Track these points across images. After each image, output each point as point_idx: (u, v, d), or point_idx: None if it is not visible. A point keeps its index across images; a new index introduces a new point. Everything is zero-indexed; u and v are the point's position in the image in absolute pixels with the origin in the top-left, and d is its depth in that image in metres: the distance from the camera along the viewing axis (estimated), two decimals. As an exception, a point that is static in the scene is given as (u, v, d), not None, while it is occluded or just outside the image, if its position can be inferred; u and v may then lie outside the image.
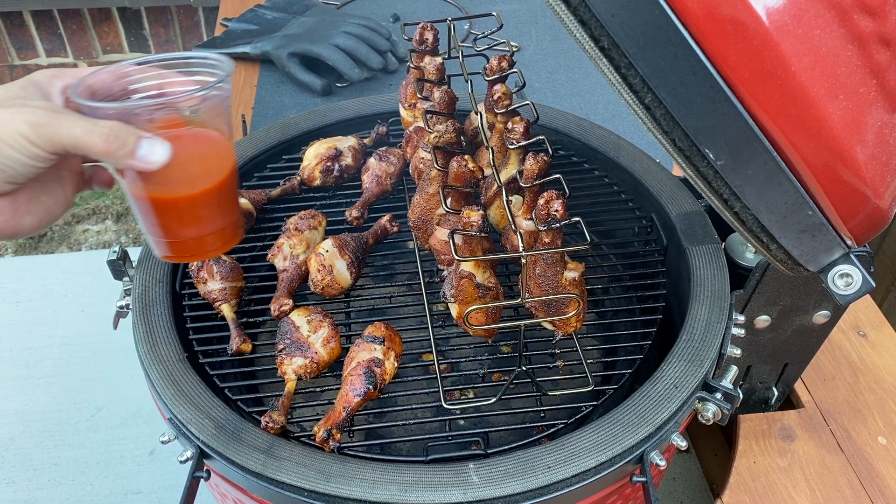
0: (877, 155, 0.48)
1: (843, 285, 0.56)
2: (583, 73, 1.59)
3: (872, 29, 0.44)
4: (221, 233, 0.66)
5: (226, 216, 0.66)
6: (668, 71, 0.46)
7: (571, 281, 0.78)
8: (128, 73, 0.61)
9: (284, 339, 0.81)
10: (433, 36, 0.96)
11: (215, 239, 0.66)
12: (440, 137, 0.83)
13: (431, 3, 1.82)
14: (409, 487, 0.67)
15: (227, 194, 0.66)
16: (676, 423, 0.74)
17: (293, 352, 0.80)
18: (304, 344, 0.80)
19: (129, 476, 1.67)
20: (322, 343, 0.81)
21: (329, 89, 1.51)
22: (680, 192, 0.98)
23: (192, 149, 0.62)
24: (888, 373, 1.05)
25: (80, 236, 2.45)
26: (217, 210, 0.65)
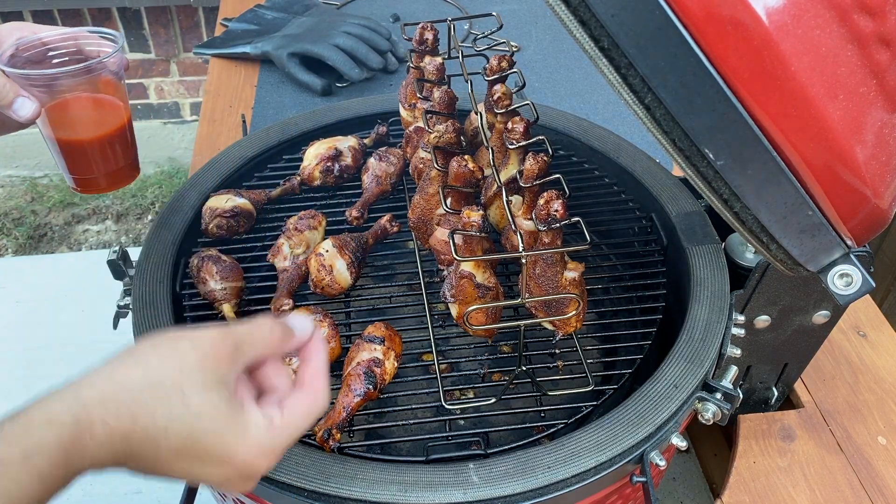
0: (877, 155, 0.48)
1: (842, 285, 0.56)
2: (583, 73, 1.59)
3: (872, 29, 0.44)
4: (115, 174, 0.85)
5: (116, 161, 0.84)
6: (668, 71, 0.46)
7: (571, 281, 0.78)
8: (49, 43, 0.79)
9: None
10: (433, 36, 0.96)
11: (108, 177, 0.85)
12: (440, 137, 0.83)
13: (431, 3, 1.82)
14: (409, 487, 0.67)
15: (115, 144, 0.83)
16: (676, 423, 0.74)
17: (293, 352, 0.80)
18: None
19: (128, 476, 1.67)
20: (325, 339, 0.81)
21: (329, 89, 1.51)
22: (680, 192, 0.98)
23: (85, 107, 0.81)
24: (888, 373, 1.05)
25: (80, 236, 2.45)
26: (106, 154, 0.83)
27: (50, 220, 2.48)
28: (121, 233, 2.47)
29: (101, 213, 2.52)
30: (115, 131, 0.83)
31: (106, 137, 0.82)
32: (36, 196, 2.56)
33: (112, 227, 2.49)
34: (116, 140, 0.83)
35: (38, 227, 2.45)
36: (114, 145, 0.83)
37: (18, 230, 2.42)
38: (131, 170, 0.87)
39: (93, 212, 2.51)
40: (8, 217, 2.47)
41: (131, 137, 0.86)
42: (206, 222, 0.95)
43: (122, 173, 0.86)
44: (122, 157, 0.85)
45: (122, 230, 2.48)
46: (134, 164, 0.87)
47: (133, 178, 0.88)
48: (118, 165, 0.85)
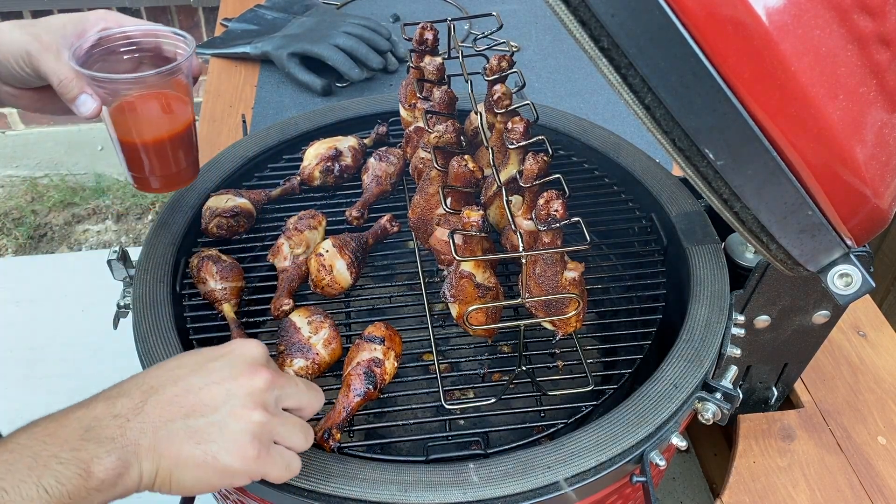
0: (877, 155, 0.48)
1: (842, 285, 0.56)
2: (583, 73, 1.59)
3: (872, 29, 0.44)
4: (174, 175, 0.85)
5: (176, 164, 0.84)
6: (668, 71, 0.46)
7: (571, 281, 0.78)
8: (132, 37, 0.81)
9: (285, 339, 0.81)
10: (433, 36, 0.96)
11: (166, 178, 0.85)
12: (440, 137, 0.83)
13: (431, 3, 1.82)
14: (409, 487, 0.67)
15: (176, 147, 0.83)
16: (676, 423, 0.74)
17: (294, 353, 0.80)
18: (305, 345, 0.80)
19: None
20: (323, 344, 0.81)
21: (329, 89, 1.51)
22: (680, 192, 0.98)
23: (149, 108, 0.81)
24: (888, 373, 1.05)
25: (80, 236, 2.45)
26: (166, 156, 0.83)
27: (50, 220, 2.48)
28: (121, 233, 2.47)
29: (101, 213, 2.52)
30: (176, 135, 0.82)
31: (167, 140, 0.81)
32: (36, 196, 2.56)
33: (112, 227, 2.49)
34: (177, 143, 0.82)
35: (38, 227, 2.45)
36: (175, 148, 0.83)
37: (18, 230, 2.42)
38: (190, 172, 0.87)
39: (93, 212, 2.52)
40: (8, 217, 2.47)
41: (193, 141, 0.85)
42: (206, 222, 0.95)
43: (181, 175, 0.86)
44: (183, 159, 0.84)
45: (122, 230, 2.48)
46: (193, 167, 0.87)
47: (191, 180, 0.88)
48: (178, 168, 0.84)
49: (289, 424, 0.62)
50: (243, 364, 0.61)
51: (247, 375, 0.60)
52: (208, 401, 0.58)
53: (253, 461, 0.58)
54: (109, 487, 0.53)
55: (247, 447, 0.58)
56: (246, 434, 0.58)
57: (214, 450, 0.57)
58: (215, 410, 0.58)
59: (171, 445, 0.56)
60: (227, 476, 0.58)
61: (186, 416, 0.57)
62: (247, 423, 0.58)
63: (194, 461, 0.57)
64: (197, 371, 0.60)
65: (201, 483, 0.58)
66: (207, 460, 0.57)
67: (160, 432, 0.56)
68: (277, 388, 0.62)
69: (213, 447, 0.57)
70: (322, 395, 0.67)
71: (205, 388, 0.59)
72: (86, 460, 0.52)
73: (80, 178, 2.62)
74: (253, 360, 0.62)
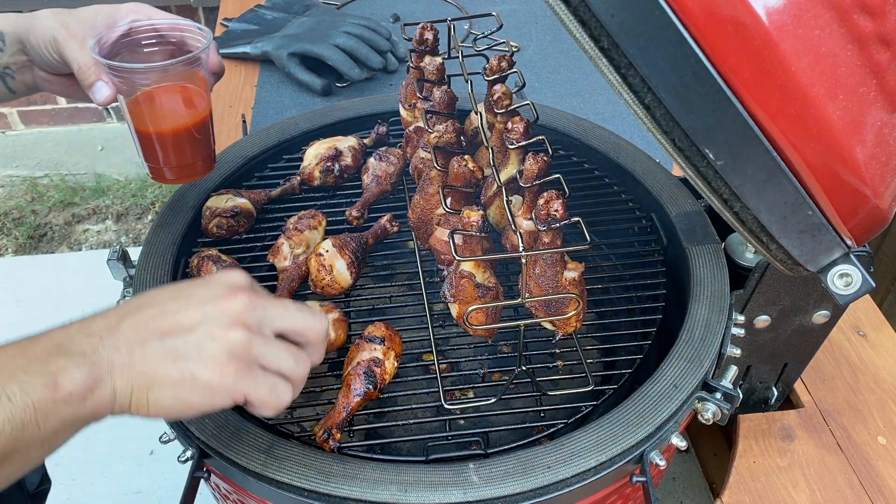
0: (877, 155, 0.48)
1: (842, 285, 0.56)
2: (583, 73, 1.59)
3: (872, 29, 0.44)
4: (189, 167, 0.86)
5: (191, 155, 0.85)
6: (668, 71, 0.46)
7: (571, 281, 0.78)
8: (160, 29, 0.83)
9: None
10: (433, 36, 0.96)
11: (181, 170, 0.86)
12: (440, 137, 0.83)
13: (431, 3, 1.82)
14: (409, 487, 0.67)
15: (192, 139, 0.83)
16: (676, 423, 0.74)
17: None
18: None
19: (129, 476, 1.67)
20: (332, 326, 0.81)
21: (329, 89, 1.51)
22: (680, 192, 0.98)
23: (166, 100, 0.82)
24: (888, 373, 1.05)
25: (80, 236, 2.45)
26: (182, 148, 0.83)
27: (50, 220, 2.48)
28: (121, 233, 2.47)
29: (101, 213, 2.52)
30: (191, 127, 0.83)
31: (183, 131, 0.82)
32: (36, 196, 2.56)
33: (112, 227, 2.49)
34: (193, 135, 0.83)
35: (38, 227, 2.45)
36: (190, 140, 0.84)
37: (18, 230, 2.42)
38: (205, 165, 0.88)
39: (93, 212, 2.51)
40: (8, 217, 2.47)
41: (209, 134, 0.86)
42: (206, 222, 0.95)
43: (196, 168, 0.86)
44: (198, 152, 0.85)
45: (122, 230, 2.48)
46: (209, 161, 0.88)
47: (206, 172, 0.89)
48: (192, 160, 0.85)
49: (275, 347, 0.59)
50: (223, 288, 0.59)
51: (225, 298, 0.58)
52: (185, 322, 0.57)
53: (232, 378, 0.56)
54: (79, 401, 0.52)
55: (224, 364, 0.56)
56: (223, 352, 0.56)
57: (192, 367, 0.55)
58: (192, 331, 0.56)
59: (145, 364, 0.55)
60: (207, 394, 0.56)
61: (162, 337, 0.56)
62: (224, 341, 0.56)
63: (171, 379, 0.55)
64: (175, 297, 0.59)
65: (180, 402, 0.56)
66: (185, 377, 0.55)
67: (135, 351, 0.55)
68: (260, 310, 0.59)
69: (189, 364, 0.55)
70: (325, 319, 0.64)
71: (182, 310, 0.57)
72: (53, 371, 0.51)
73: (80, 178, 2.62)
74: (233, 284, 0.60)
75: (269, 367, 0.59)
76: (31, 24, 0.79)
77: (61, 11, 0.79)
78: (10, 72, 0.83)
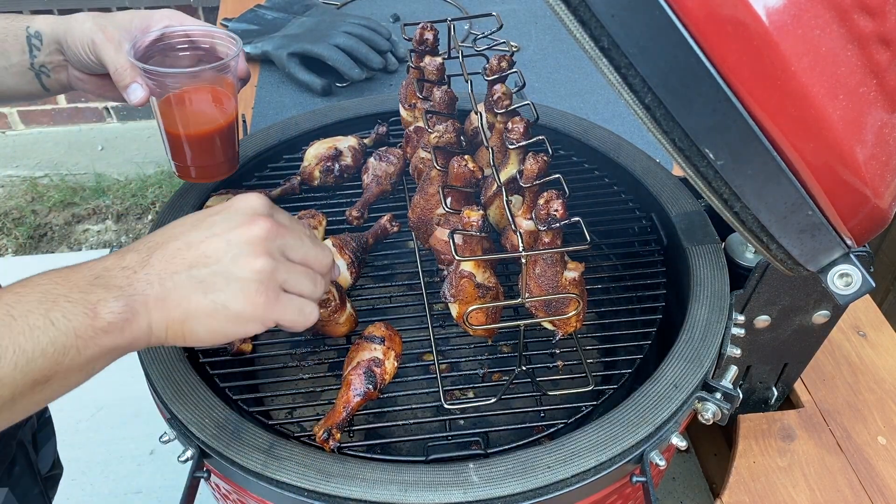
0: (877, 155, 0.48)
1: (842, 285, 0.56)
2: (583, 73, 1.59)
3: (872, 29, 0.44)
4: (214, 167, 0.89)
5: (215, 156, 0.88)
6: (668, 71, 0.46)
7: (571, 281, 0.78)
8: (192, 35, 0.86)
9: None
10: (433, 36, 0.96)
11: (206, 169, 0.89)
12: (440, 137, 0.83)
13: (431, 3, 1.82)
14: (409, 487, 0.67)
15: (218, 140, 0.86)
16: (676, 423, 0.74)
17: None
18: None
19: (129, 476, 1.67)
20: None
21: (329, 89, 1.51)
22: (680, 192, 0.98)
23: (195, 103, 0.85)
24: (888, 373, 1.05)
25: (80, 236, 2.45)
26: (207, 148, 0.87)
27: (50, 220, 2.48)
28: (121, 233, 2.47)
29: (101, 213, 2.52)
30: (218, 129, 0.86)
31: (209, 133, 0.86)
32: (36, 196, 2.56)
33: (112, 227, 2.49)
34: (218, 137, 0.86)
35: (38, 227, 2.45)
36: (215, 141, 0.87)
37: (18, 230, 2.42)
38: (229, 165, 0.91)
39: (93, 212, 2.51)
40: (8, 217, 2.47)
41: (234, 136, 0.89)
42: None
43: (220, 168, 0.90)
44: (222, 153, 0.88)
45: (122, 230, 2.48)
46: (233, 161, 0.91)
47: (230, 173, 0.91)
48: (217, 160, 0.88)
49: (295, 272, 0.62)
50: (243, 215, 0.61)
51: (246, 225, 0.60)
52: (210, 252, 0.58)
53: (263, 307, 0.59)
54: (117, 331, 0.55)
55: (255, 294, 0.58)
56: (251, 282, 0.58)
57: (223, 299, 0.58)
58: (218, 261, 0.58)
59: (178, 296, 0.57)
60: (241, 323, 0.59)
61: (190, 268, 0.58)
62: (251, 270, 0.58)
63: (205, 311, 0.58)
64: (197, 226, 0.61)
65: (215, 333, 0.59)
66: (217, 309, 0.58)
67: (166, 283, 0.57)
68: (280, 238, 0.61)
69: (220, 296, 0.58)
70: (329, 253, 0.67)
71: (205, 240, 0.59)
72: (93, 302, 0.54)
73: (80, 178, 2.62)
74: (253, 210, 0.61)
75: (291, 291, 0.62)
76: (68, 26, 0.82)
77: (98, 15, 0.82)
78: (45, 70, 0.86)
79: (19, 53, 0.84)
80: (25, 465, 0.95)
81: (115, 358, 0.57)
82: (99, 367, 0.56)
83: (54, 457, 1.10)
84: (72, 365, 0.53)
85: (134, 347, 0.57)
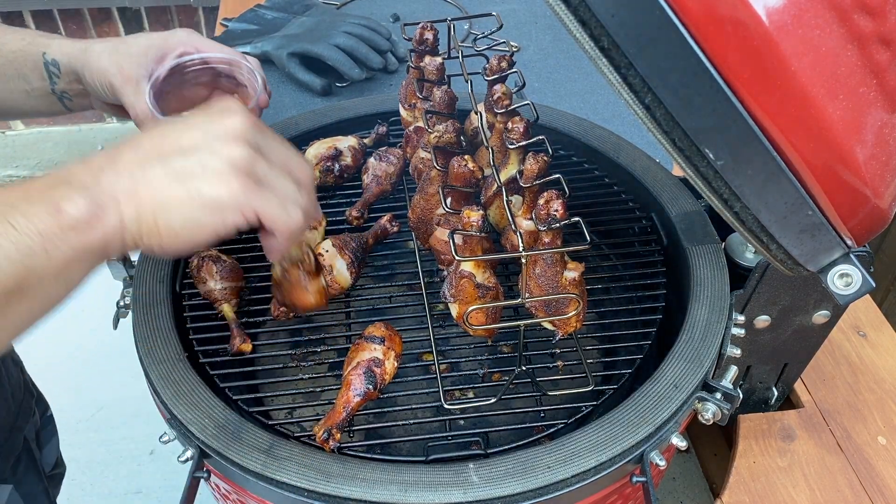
0: (877, 155, 0.48)
1: (842, 285, 0.56)
2: (583, 73, 1.59)
3: (872, 29, 0.44)
4: None
5: None
6: (668, 71, 0.46)
7: (571, 281, 0.78)
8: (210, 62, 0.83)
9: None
10: (433, 36, 0.96)
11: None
12: (440, 137, 0.83)
13: (431, 3, 1.82)
14: (409, 487, 0.67)
15: None
16: (676, 423, 0.74)
17: None
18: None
19: (129, 476, 1.67)
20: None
21: (329, 89, 1.51)
22: (680, 192, 0.98)
23: None
24: (888, 373, 1.05)
25: (80, 236, 2.45)
26: None
27: (50, 220, 2.48)
28: (121, 233, 2.47)
29: (101, 213, 2.52)
30: None
31: None
32: (36, 196, 2.56)
33: (112, 227, 2.49)
34: None
35: (38, 227, 2.45)
36: None
37: (18, 230, 2.42)
38: None
39: (93, 212, 2.52)
40: (8, 217, 2.47)
41: None
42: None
43: None
44: None
45: (122, 230, 2.48)
46: None
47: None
48: None
49: (275, 170, 0.58)
50: (221, 112, 0.58)
51: (226, 118, 0.57)
52: (185, 143, 0.55)
53: (240, 192, 0.55)
54: (85, 228, 0.51)
55: (231, 178, 0.55)
56: (228, 166, 0.55)
57: (197, 185, 0.54)
58: (194, 149, 0.55)
59: (149, 187, 0.54)
60: (217, 211, 0.55)
61: (164, 158, 0.55)
62: (228, 156, 0.55)
63: (178, 199, 0.54)
64: (172, 123, 0.58)
65: (191, 223, 0.55)
66: (191, 195, 0.54)
67: (136, 175, 0.54)
68: (260, 134, 0.58)
69: (195, 183, 0.54)
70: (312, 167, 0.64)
71: (182, 133, 0.56)
72: (56, 199, 0.51)
73: (80, 178, 2.62)
74: (231, 109, 0.58)
75: (271, 187, 0.57)
76: (85, 60, 0.80)
77: (113, 49, 0.79)
78: (67, 96, 0.85)
79: (39, 79, 0.83)
80: (29, 463, 0.95)
81: (91, 265, 0.54)
82: (76, 275, 0.53)
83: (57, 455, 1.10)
84: (43, 271, 0.50)
85: (108, 249, 0.54)
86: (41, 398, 1.06)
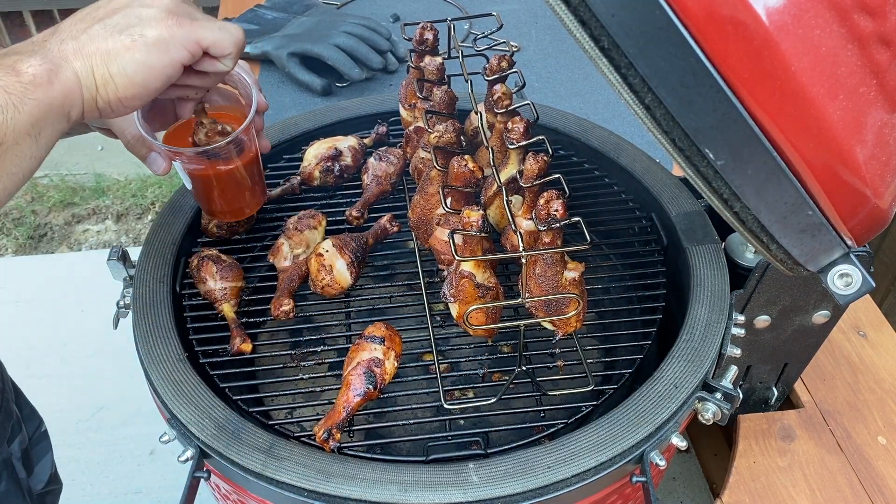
0: (877, 155, 0.48)
1: (842, 285, 0.56)
2: (583, 73, 1.59)
3: (872, 29, 0.44)
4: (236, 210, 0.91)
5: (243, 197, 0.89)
6: (668, 71, 0.46)
7: (571, 281, 0.78)
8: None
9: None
10: (433, 36, 0.96)
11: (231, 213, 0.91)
12: (440, 137, 0.83)
13: (431, 3, 1.82)
14: (409, 487, 0.67)
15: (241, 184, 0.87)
16: (676, 423, 0.74)
17: None
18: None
19: (129, 476, 1.67)
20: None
21: (329, 89, 1.51)
22: (680, 192, 0.98)
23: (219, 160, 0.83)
24: (888, 373, 1.05)
25: (80, 236, 2.44)
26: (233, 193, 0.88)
27: (50, 220, 2.48)
28: (121, 233, 2.47)
29: (101, 213, 2.52)
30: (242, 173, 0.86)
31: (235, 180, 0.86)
32: (36, 196, 2.56)
33: (112, 227, 2.48)
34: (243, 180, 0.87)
35: (38, 227, 2.45)
36: (240, 185, 0.88)
37: (18, 230, 2.42)
38: (257, 201, 0.92)
39: (93, 212, 2.51)
40: (8, 217, 2.47)
41: (259, 171, 0.90)
42: (206, 222, 0.95)
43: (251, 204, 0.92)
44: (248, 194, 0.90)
45: (122, 230, 2.48)
46: (261, 195, 0.92)
47: (260, 205, 0.93)
48: (243, 203, 0.90)
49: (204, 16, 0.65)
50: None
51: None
52: (117, 4, 0.62)
53: (179, 27, 0.62)
54: (45, 84, 0.56)
55: (167, 18, 0.62)
56: (161, 11, 0.62)
57: (138, 31, 0.60)
58: (126, 6, 0.62)
59: (95, 42, 0.59)
60: (163, 49, 0.61)
61: (101, 20, 0.61)
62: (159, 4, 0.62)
63: (124, 46, 0.60)
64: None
65: (143, 66, 0.61)
66: (136, 41, 0.60)
67: (80, 37, 0.60)
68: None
69: (136, 30, 0.60)
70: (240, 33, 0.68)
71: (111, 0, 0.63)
72: (10, 63, 0.56)
73: (80, 178, 2.62)
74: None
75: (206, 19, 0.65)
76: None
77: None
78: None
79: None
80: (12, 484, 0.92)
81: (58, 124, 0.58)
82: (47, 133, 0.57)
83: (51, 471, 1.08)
84: (17, 127, 0.54)
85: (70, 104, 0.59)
86: (33, 414, 1.03)
